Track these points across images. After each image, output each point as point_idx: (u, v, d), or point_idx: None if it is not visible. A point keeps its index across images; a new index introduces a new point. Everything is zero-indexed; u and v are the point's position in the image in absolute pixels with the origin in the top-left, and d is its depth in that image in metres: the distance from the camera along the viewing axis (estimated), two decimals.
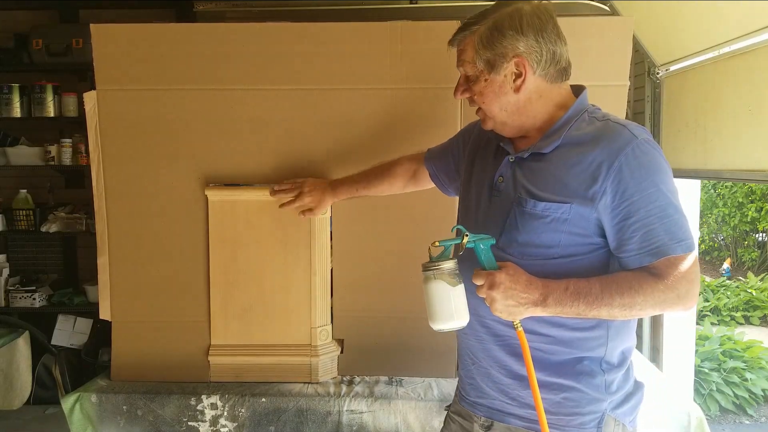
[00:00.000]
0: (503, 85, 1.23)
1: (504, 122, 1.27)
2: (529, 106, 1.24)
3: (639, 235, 1.12)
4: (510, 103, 1.24)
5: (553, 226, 1.17)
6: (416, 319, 2.11)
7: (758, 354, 4.23)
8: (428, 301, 1.24)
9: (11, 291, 3.50)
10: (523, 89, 1.22)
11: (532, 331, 1.22)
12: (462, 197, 1.47)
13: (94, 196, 2.10)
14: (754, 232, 7.89)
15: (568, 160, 1.19)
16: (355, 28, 2.04)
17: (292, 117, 2.06)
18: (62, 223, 3.50)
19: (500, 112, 1.26)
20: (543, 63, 1.21)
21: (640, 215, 1.12)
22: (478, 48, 1.22)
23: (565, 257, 1.19)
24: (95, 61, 2.05)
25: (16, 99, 3.46)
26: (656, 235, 1.11)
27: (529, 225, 1.20)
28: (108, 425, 1.96)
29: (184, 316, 2.09)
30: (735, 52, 1.91)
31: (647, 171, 1.12)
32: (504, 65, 1.21)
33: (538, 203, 1.19)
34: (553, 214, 1.17)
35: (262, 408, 1.95)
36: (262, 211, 2.03)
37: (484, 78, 1.24)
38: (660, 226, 1.11)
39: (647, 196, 1.11)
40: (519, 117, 1.26)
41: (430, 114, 2.05)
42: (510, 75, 1.22)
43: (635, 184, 1.11)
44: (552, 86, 1.24)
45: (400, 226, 2.09)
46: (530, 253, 1.20)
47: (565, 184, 1.18)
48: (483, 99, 1.26)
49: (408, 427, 1.93)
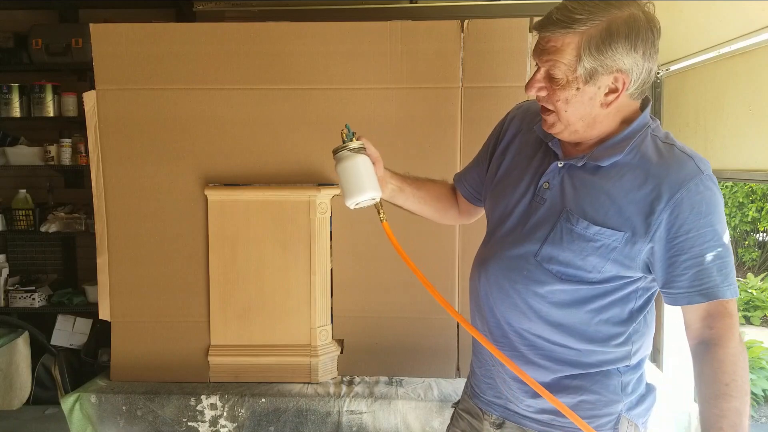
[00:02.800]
0: (594, 98, 1.10)
1: (576, 131, 1.15)
2: (606, 120, 1.13)
3: (691, 273, 1.08)
4: (591, 116, 1.12)
5: (602, 252, 1.11)
6: (416, 319, 2.11)
7: (758, 354, 4.23)
8: (342, 180, 1.26)
9: (11, 291, 3.49)
10: (612, 105, 1.11)
11: (558, 343, 1.19)
12: (497, 189, 1.31)
13: (94, 196, 2.10)
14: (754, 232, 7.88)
15: (626, 181, 1.10)
16: (355, 28, 2.04)
17: (292, 117, 2.06)
18: (62, 223, 3.49)
19: (578, 122, 1.13)
20: (639, 82, 1.09)
21: (694, 252, 1.07)
22: (583, 53, 1.06)
23: (601, 283, 1.14)
24: (95, 61, 2.05)
25: (15, 99, 3.45)
26: (709, 275, 1.07)
27: (576, 245, 1.12)
28: (108, 425, 1.96)
29: (184, 316, 2.08)
30: (735, 52, 1.90)
31: (707, 209, 1.07)
32: (603, 77, 1.08)
33: (591, 226, 1.11)
34: (604, 241, 1.10)
35: (261, 408, 1.94)
36: (262, 211, 2.02)
37: (576, 86, 1.09)
38: (713, 267, 1.07)
39: (704, 234, 1.06)
40: (592, 129, 1.14)
41: (430, 114, 2.05)
42: (604, 88, 1.09)
43: (693, 220, 1.06)
44: (631, 101, 1.14)
45: (400, 226, 2.08)
46: (569, 274, 1.14)
47: (620, 208, 1.10)
48: (567, 107, 1.12)
49: (408, 427, 1.93)
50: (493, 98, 2.02)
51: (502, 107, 2.02)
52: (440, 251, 2.08)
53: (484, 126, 2.03)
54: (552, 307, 1.17)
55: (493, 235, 1.27)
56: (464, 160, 2.06)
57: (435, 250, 2.07)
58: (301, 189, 2.03)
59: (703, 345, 1.09)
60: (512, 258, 1.20)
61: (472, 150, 2.06)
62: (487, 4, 2.64)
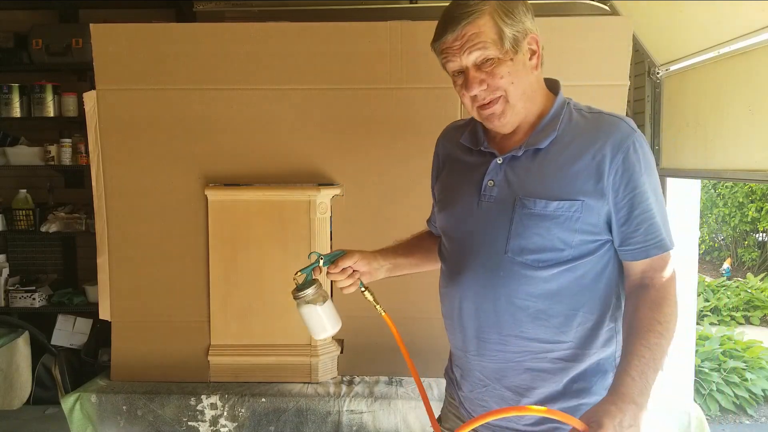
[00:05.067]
0: (525, 64, 1.14)
1: (519, 112, 1.17)
2: (539, 90, 1.20)
3: (644, 227, 1.11)
4: (530, 85, 1.16)
5: (567, 225, 1.12)
6: (416, 319, 2.11)
7: (758, 354, 4.23)
8: (304, 322, 1.36)
9: (11, 291, 3.50)
10: (539, 66, 1.17)
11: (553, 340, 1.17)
12: (443, 207, 1.31)
13: (94, 196, 2.10)
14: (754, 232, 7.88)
15: (569, 154, 1.14)
16: (355, 28, 2.04)
17: (293, 117, 2.06)
18: (62, 223, 3.49)
19: (522, 97, 1.15)
20: (542, 43, 1.17)
21: (643, 207, 1.11)
22: (501, 25, 1.10)
23: (577, 259, 1.14)
24: (95, 61, 2.05)
25: (15, 99, 3.45)
26: (658, 229, 1.12)
27: (540, 227, 1.12)
28: (108, 425, 1.96)
29: (184, 316, 2.08)
30: (735, 52, 1.90)
31: (647, 165, 1.12)
32: (523, 42, 1.13)
33: (550, 203, 1.12)
34: (566, 213, 1.12)
35: (262, 408, 1.95)
36: (262, 211, 2.03)
37: (510, 58, 1.12)
38: (660, 219, 1.12)
39: (648, 190, 1.11)
40: (529, 104, 1.18)
41: (430, 114, 2.05)
42: (527, 52, 1.14)
43: (638, 176, 1.10)
44: (540, 73, 1.20)
45: (400, 226, 2.09)
46: (543, 259, 1.13)
47: (571, 179, 1.13)
48: (512, 80, 1.13)
49: (408, 427, 1.93)
50: None
51: None
52: None
53: None
54: (539, 301, 1.15)
55: (456, 249, 1.25)
56: None
57: None
58: (301, 189, 2.03)
59: (643, 288, 1.12)
60: (484, 264, 1.17)
61: None
62: None
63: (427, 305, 2.10)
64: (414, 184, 2.07)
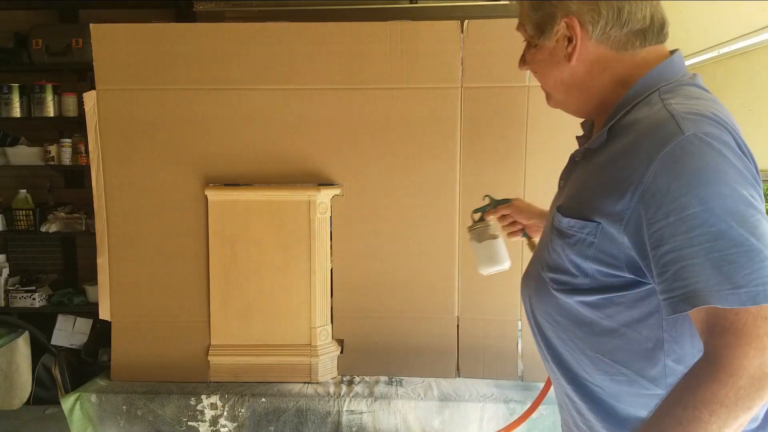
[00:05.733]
0: (554, 52, 0.97)
1: (564, 101, 1.03)
2: (590, 82, 0.97)
3: (671, 272, 0.78)
4: (566, 76, 0.98)
5: (578, 249, 0.91)
6: (416, 319, 2.11)
7: None
8: (474, 254, 1.55)
9: (11, 291, 3.50)
10: (576, 58, 0.95)
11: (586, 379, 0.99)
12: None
13: (94, 196, 2.10)
14: None
15: (602, 161, 0.91)
16: (355, 28, 2.04)
17: (292, 117, 2.06)
18: (62, 223, 3.49)
19: (555, 87, 1.01)
20: (602, 24, 0.92)
21: (675, 243, 0.77)
22: (528, 8, 0.98)
23: (596, 293, 0.91)
24: (95, 61, 2.05)
25: (15, 99, 3.46)
26: (695, 273, 0.76)
27: (557, 244, 0.95)
28: (108, 425, 1.96)
29: (184, 316, 2.09)
30: (735, 52, 1.90)
31: (690, 181, 0.77)
32: (554, 28, 0.95)
33: (563, 219, 0.93)
34: (578, 234, 0.91)
35: (262, 408, 1.95)
36: (262, 211, 2.03)
37: (534, 44, 1.00)
38: (705, 261, 0.75)
39: (688, 218, 0.76)
40: (579, 95, 0.99)
41: (430, 114, 2.05)
42: (562, 40, 0.95)
43: (672, 199, 0.77)
44: (620, 55, 0.94)
45: (400, 226, 2.09)
46: (559, 280, 0.96)
47: (590, 194, 0.91)
48: (535, 69, 1.02)
49: (408, 427, 1.93)
50: (493, 98, 2.02)
51: (501, 107, 2.04)
52: (440, 251, 2.08)
53: (484, 126, 2.05)
54: (559, 328, 0.99)
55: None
56: (464, 160, 2.06)
57: (435, 250, 2.08)
58: (301, 189, 2.03)
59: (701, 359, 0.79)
60: (532, 268, 1.07)
61: (472, 150, 2.07)
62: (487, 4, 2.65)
63: (427, 305, 2.10)
64: (414, 184, 2.07)
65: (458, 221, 2.07)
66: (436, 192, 2.07)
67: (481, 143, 2.05)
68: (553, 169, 2.03)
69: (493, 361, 2.09)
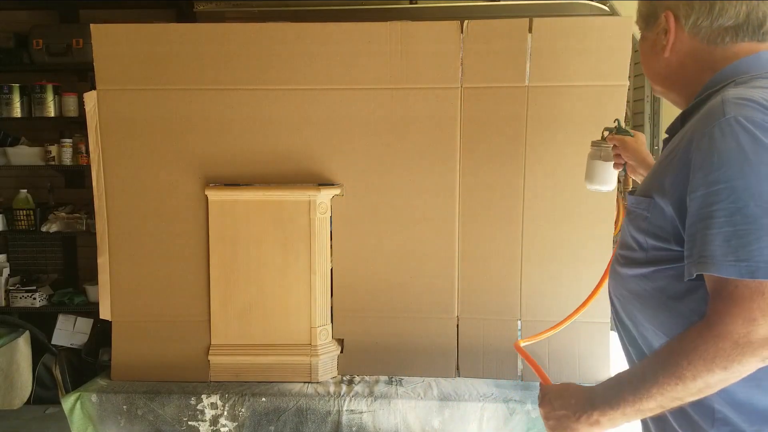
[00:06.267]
0: (655, 45, 1.04)
1: (663, 92, 1.10)
2: (682, 73, 1.02)
3: (692, 241, 0.86)
4: (662, 67, 1.04)
5: (636, 223, 1.00)
6: (416, 319, 2.11)
7: None
8: (586, 167, 1.64)
9: (11, 291, 3.50)
10: (670, 50, 1.01)
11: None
12: None
13: (95, 196, 2.10)
14: None
15: (669, 146, 1.01)
16: (355, 28, 2.04)
17: (292, 117, 2.06)
18: (62, 223, 3.50)
19: (654, 77, 1.08)
20: (694, 18, 0.98)
21: (699, 216, 0.85)
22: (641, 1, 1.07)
23: (650, 265, 0.97)
24: (95, 61, 2.05)
25: (16, 99, 3.46)
26: (707, 242, 0.84)
27: (625, 221, 1.05)
28: (108, 425, 1.97)
29: (185, 315, 2.09)
30: None
31: (719, 160, 0.84)
32: (656, 21, 1.03)
33: (630, 197, 1.03)
34: (636, 209, 1.00)
35: (262, 408, 1.95)
36: (262, 211, 2.03)
37: (643, 36, 1.08)
38: (717, 234, 0.83)
39: (713, 194, 0.83)
40: (673, 86, 1.06)
41: (430, 114, 2.05)
42: (661, 32, 1.02)
43: (703, 175, 0.85)
44: (710, 48, 0.99)
45: (400, 226, 2.09)
46: (623, 255, 1.05)
47: (653, 174, 1.01)
48: (642, 60, 1.09)
49: (408, 427, 1.93)
50: (492, 99, 2.03)
51: (501, 108, 2.04)
52: (440, 251, 2.08)
53: (484, 126, 2.05)
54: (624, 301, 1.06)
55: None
56: (464, 160, 2.06)
57: (435, 250, 2.08)
58: (301, 189, 2.03)
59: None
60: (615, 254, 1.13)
61: (472, 150, 2.07)
62: (487, 5, 2.65)
63: (427, 305, 2.11)
64: (414, 183, 2.08)
65: (458, 221, 2.08)
66: (436, 192, 2.07)
67: (480, 143, 2.05)
68: (553, 168, 2.05)
69: (492, 360, 2.10)
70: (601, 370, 2.07)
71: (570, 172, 2.01)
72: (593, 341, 2.07)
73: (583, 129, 1.99)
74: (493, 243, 2.07)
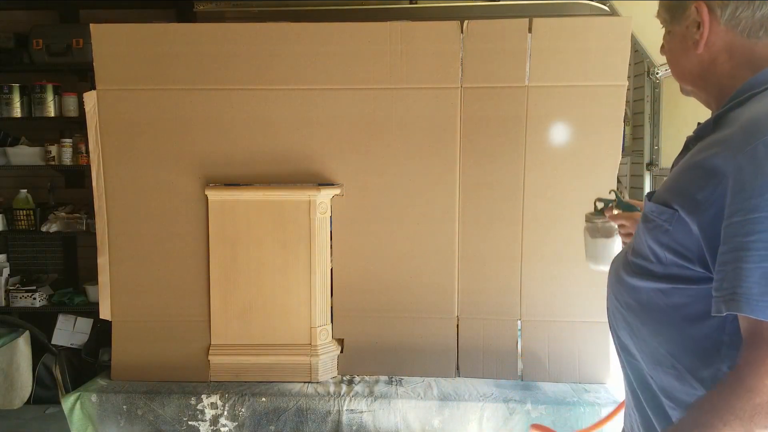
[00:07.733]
0: (684, 40, 0.93)
1: (693, 92, 0.99)
2: (716, 69, 0.91)
3: (724, 272, 0.76)
4: (693, 64, 0.93)
5: (655, 234, 0.89)
6: (416, 319, 2.11)
7: None
8: (584, 245, 1.48)
9: (11, 291, 3.50)
10: (703, 44, 0.90)
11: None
12: None
13: (95, 196, 2.10)
14: None
15: (699, 149, 0.88)
16: (355, 28, 2.04)
17: (292, 117, 2.06)
18: (62, 223, 3.49)
19: (683, 76, 0.98)
20: (732, 8, 0.87)
21: (735, 243, 0.75)
22: None
23: (668, 281, 0.89)
24: (95, 61, 2.05)
25: (16, 99, 3.46)
26: (741, 278, 0.74)
27: (641, 228, 0.95)
28: (108, 425, 1.97)
29: (184, 315, 2.09)
30: None
31: (764, 184, 0.73)
32: (684, 12, 0.92)
33: (649, 203, 0.92)
34: (656, 219, 0.89)
35: (262, 407, 1.95)
36: (262, 211, 2.03)
37: (668, 29, 0.97)
38: (754, 269, 0.73)
39: (751, 221, 0.74)
40: (705, 85, 0.95)
41: (430, 114, 2.05)
42: (691, 25, 0.91)
43: (741, 200, 0.75)
44: (750, 43, 0.88)
45: (400, 226, 2.09)
46: (637, 264, 0.95)
47: (675, 180, 0.89)
48: (670, 57, 0.98)
49: (408, 427, 1.93)
50: (492, 98, 2.03)
51: (501, 107, 2.04)
52: (440, 251, 2.08)
53: (484, 126, 2.05)
54: (627, 310, 0.98)
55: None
56: (464, 160, 2.06)
57: (435, 250, 2.08)
58: (301, 189, 2.03)
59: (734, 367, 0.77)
60: (618, 255, 1.06)
61: (472, 150, 2.07)
62: (487, 5, 2.65)
63: (427, 305, 2.11)
64: (414, 183, 2.08)
65: (458, 221, 2.08)
66: (436, 192, 2.08)
67: (480, 143, 2.05)
68: (553, 168, 2.05)
69: (492, 360, 2.10)
70: (601, 370, 2.07)
71: (570, 173, 2.01)
72: (593, 341, 2.07)
73: (583, 129, 2.00)
74: (493, 243, 2.07)
